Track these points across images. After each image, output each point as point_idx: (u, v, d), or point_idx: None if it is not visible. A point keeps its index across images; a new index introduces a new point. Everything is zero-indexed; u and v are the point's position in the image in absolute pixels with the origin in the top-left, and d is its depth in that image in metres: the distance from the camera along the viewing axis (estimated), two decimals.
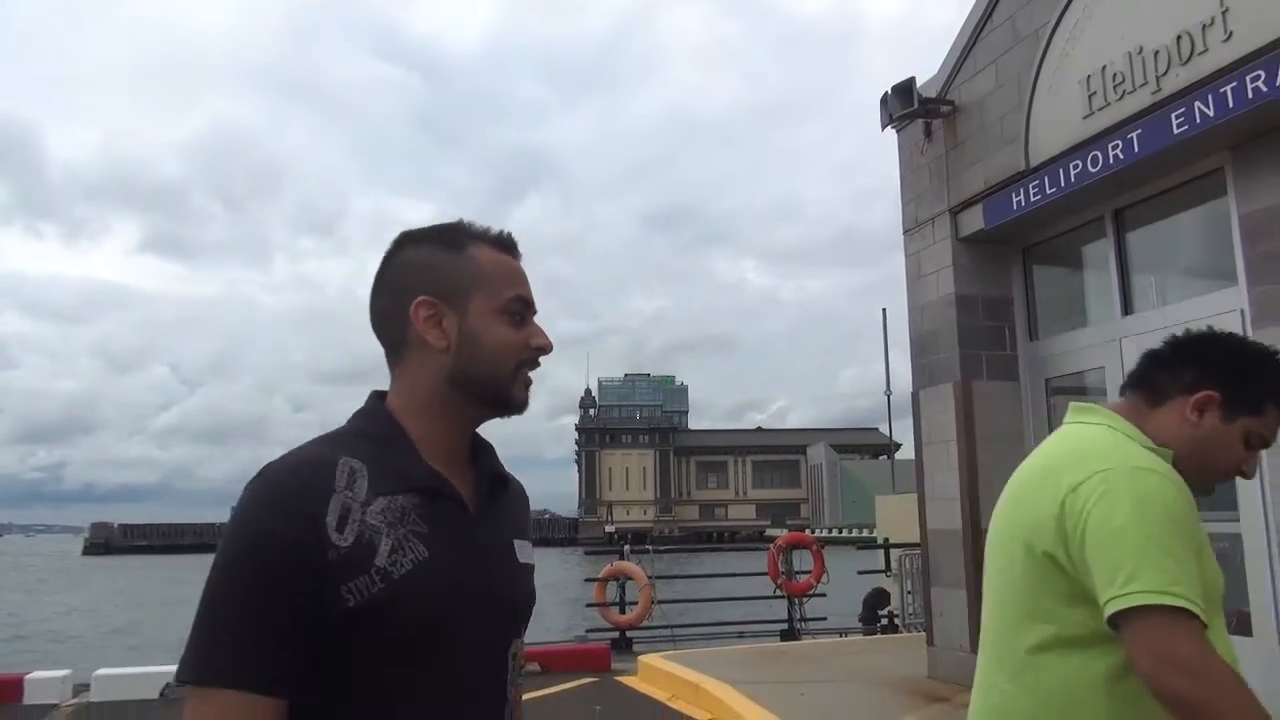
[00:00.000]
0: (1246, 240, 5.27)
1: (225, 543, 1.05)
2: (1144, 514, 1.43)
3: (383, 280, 1.21)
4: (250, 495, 1.06)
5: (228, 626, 1.01)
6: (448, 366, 1.17)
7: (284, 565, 1.02)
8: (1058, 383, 6.84)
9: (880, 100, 7.27)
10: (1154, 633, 1.37)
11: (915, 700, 6.47)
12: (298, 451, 1.12)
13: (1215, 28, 5.07)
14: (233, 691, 0.99)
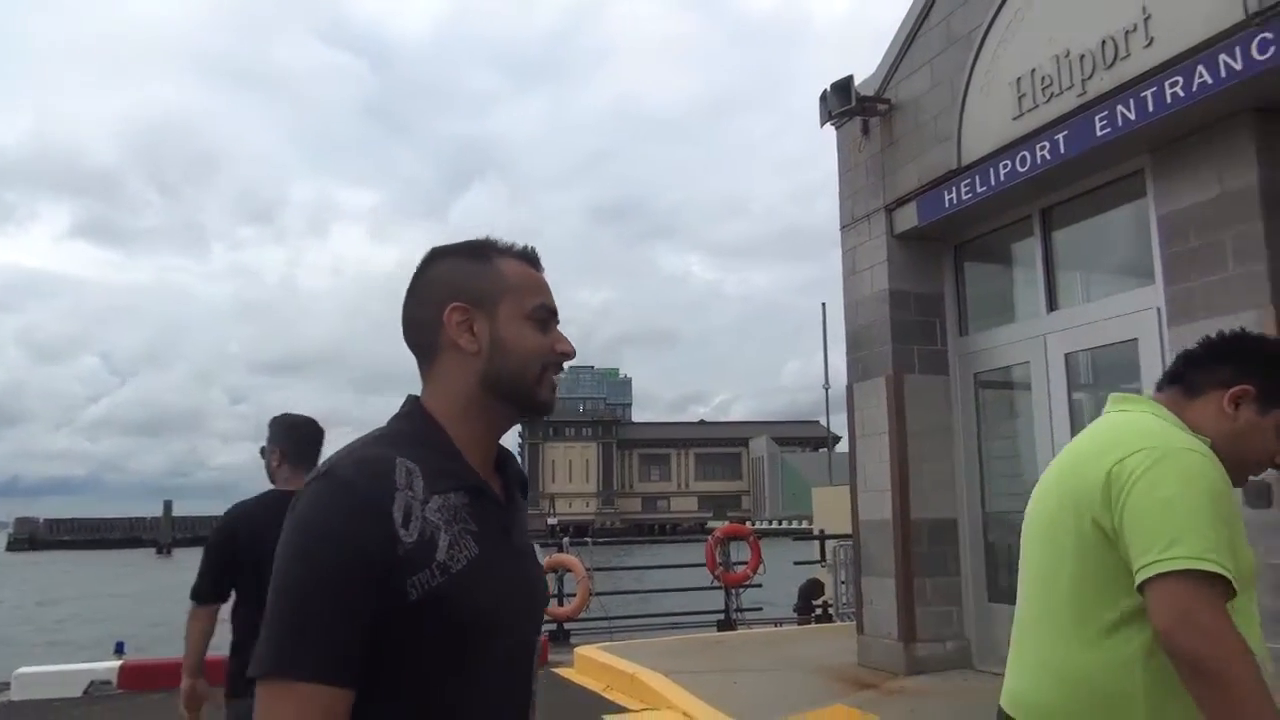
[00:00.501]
0: (1164, 240, 5.46)
1: (299, 538, 1.08)
2: (1189, 488, 1.51)
3: (416, 291, 1.29)
4: (322, 493, 1.10)
5: (307, 620, 1.04)
6: (480, 369, 1.23)
7: (358, 560, 1.06)
8: (985, 377, 7.02)
9: (820, 97, 7.37)
10: (1180, 593, 1.45)
11: (845, 687, 6.59)
12: (357, 451, 1.16)
13: (1137, 34, 5.24)
14: (314, 684, 1.02)
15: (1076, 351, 6.20)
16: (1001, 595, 6.74)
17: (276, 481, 3.17)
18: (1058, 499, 1.69)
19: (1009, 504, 6.90)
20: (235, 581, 3.04)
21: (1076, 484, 1.64)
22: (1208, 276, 5.16)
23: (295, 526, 1.09)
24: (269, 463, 3.18)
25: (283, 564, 1.08)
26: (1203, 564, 1.45)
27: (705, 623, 11.94)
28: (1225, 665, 1.41)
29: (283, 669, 1.02)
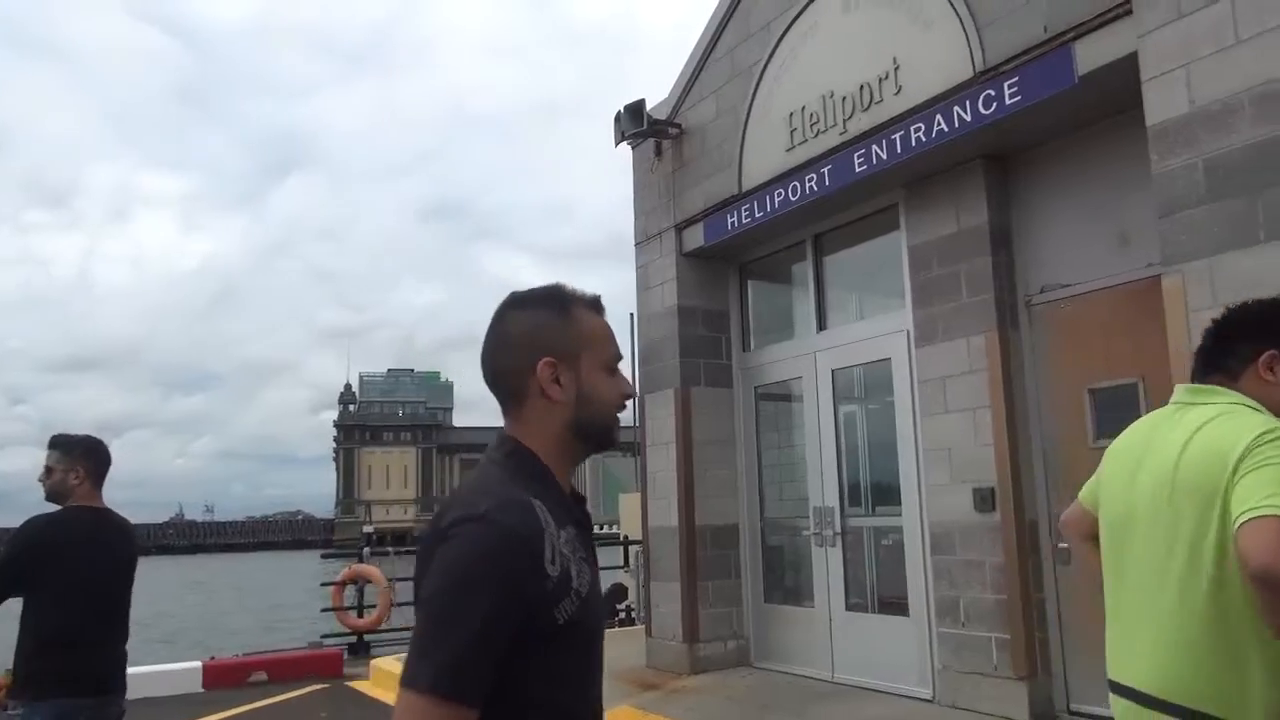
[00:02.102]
0: (913, 269, 6.01)
1: (459, 572, 1.22)
2: None
3: (502, 340, 1.44)
4: (484, 535, 1.23)
5: (463, 650, 1.19)
6: (568, 417, 1.41)
7: (514, 598, 1.22)
8: (764, 390, 7.47)
9: (614, 118, 7.61)
10: (1275, 531, 1.58)
11: (632, 689, 6.84)
12: (497, 492, 1.30)
13: (889, 81, 5.75)
14: (456, 704, 1.18)
15: (842, 369, 6.71)
16: (777, 596, 7.19)
17: (74, 498, 3.31)
18: (1175, 497, 1.79)
19: (784, 510, 7.37)
20: (33, 589, 3.16)
21: (1198, 477, 1.75)
22: (947, 303, 5.73)
23: (459, 563, 1.22)
24: (65, 480, 3.30)
25: (443, 595, 1.21)
26: None
27: None
28: None
29: (436, 689, 1.18)
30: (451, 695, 1.18)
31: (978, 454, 5.49)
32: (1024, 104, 4.96)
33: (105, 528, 3.37)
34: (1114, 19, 4.52)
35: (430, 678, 1.19)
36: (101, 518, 3.37)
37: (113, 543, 3.38)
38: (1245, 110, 3.93)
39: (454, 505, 1.31)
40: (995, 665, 5.33)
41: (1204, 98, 4.08)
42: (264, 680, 8.95)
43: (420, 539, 1.38)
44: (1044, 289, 5.48)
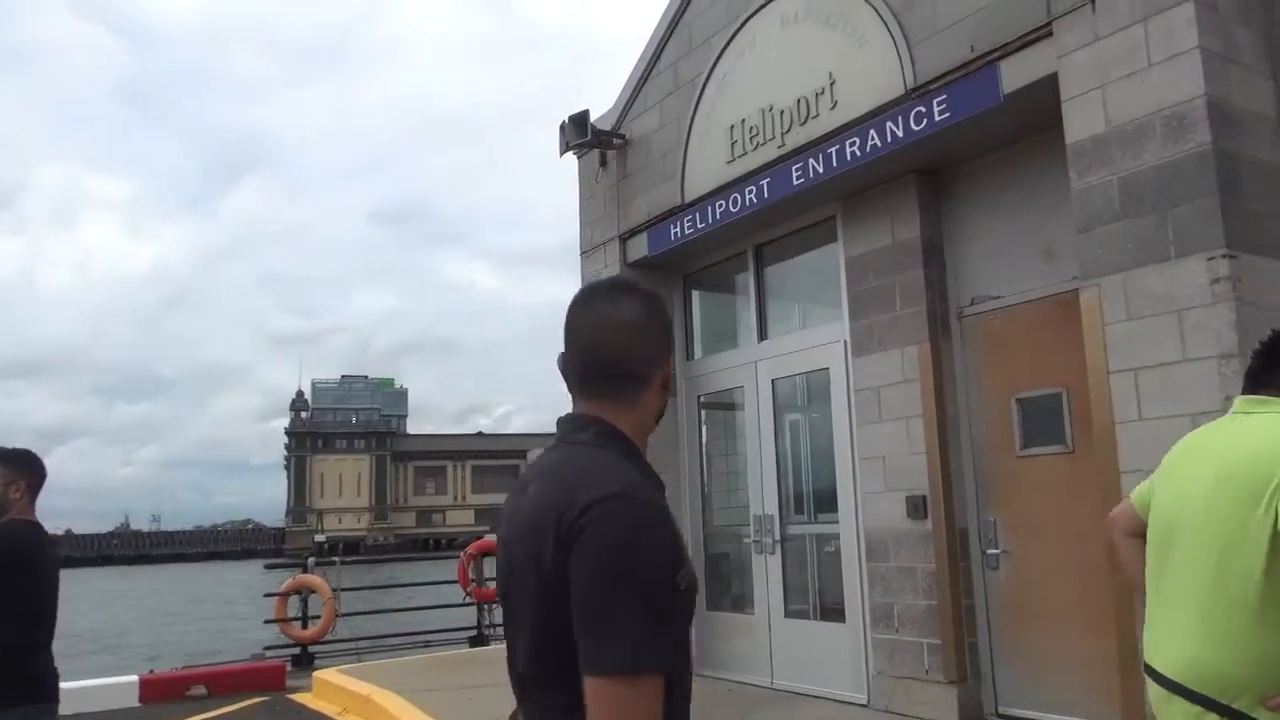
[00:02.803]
0: (850, 281, 6.12)
1: (630, 554, 1.23)
2: None
3: (621, 324, 1.42)
4: (635, 513, 1.26)
5: (651, 621, 1.21)
6: (659, 407, 1.47)
7: (673, 565, 1.26)
8: (707, 399, 7.54)
9: (559, 128, 7.65)
10: None
11: None
12: (626, 472, 1.32)
13: (825, 97, 5.86)
14: (654, 678, 1.21)
15: (782, 378, 6.80)
16: (719, 604, 7.25)
17: (14, 511, 3.37)
18: (1229, 493, 1.94)
19: (727, 518, 7.44)
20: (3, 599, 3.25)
21: (1254, 474, 1.91)
22: (882, 314, 5.85)
23: (623, 545, 1.23)
24: (5, 493, 3.37)
25: (619, 575, 1.22)
26: None
27: (459, 639, 11.94)
28: None
29: (644, 665, 1.20)
30: (651, 666, 1.21)
31: (910, 462, 5.60)
32: (953, 121, 5.09)
33: (49, 539, 3.52)
34: (1036, 40, 4.66)
35: (627, 657, 1.20)
36: (42, 529, 3.50)
37: (56, 554, 3.57)
38: (1156, 131, 4.08)
39: (575, 488, 1.29)
40: (927, 670, 5.43)
41: (1119, 118, 4.23)
42: (203, 694, 8.80)
43: (532, 520, 1.34)
44: (974, 301, 5.61)
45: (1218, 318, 3.80)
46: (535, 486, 1.39)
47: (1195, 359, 3.86)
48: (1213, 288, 3.82)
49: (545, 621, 1.29)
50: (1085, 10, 4.40)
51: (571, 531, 1.25)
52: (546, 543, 1.28)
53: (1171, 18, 4.05)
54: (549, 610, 1.28)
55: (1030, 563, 5.21)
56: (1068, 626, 4.93)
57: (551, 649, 1.29)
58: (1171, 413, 3.91)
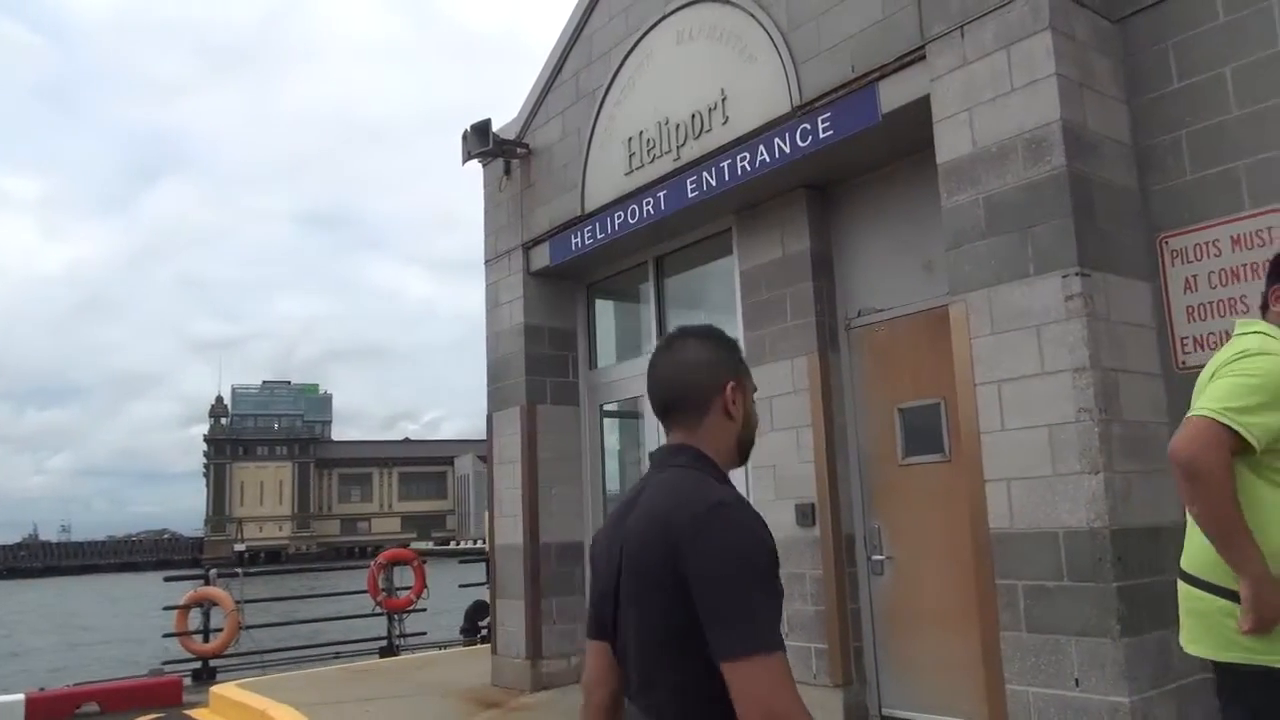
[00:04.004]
0: (744, 292, 6.22)
1: (749, 552, 1.47)
2: (1246, 372, 2.18)
3: (690, 362, 1.70)
4: (745, 516, 1.51)
5: (774, 608, 1.46)
6: (737, 433, 1.70)
7: (776, 561, 1.51)
8: (609, 407, 7.59)
9: (462, 136, 7.63)
10: (1197, 425, 2.14)
11: (473, 707, 6.83)
12: (720, 488, 1.57)
13: (718, 111, 5.96)
14: (783, 654, 1.44)
15: None
16: None
17: None
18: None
19: None
20: None
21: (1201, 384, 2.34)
22: (774, 326, 5.96)
23: (737, 544, 1.47)
24: None
25: (743, 567, 1.44)
26: (1219, 415, 2.11)
27: (368, 650, 11.78)
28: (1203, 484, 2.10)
29: (770, 647, 1.42)
30: (781, 645, 1.44)
31: (800, 471, 5.72)
32: (836, 138, 5.22)
33: None
34: (911, 63, 4.81)
35: (764, 639, 1.42)
36: None
37: None
38: (1018, 153, 4.25)
39: (680, 502, 1.53)
40: (814, 674, 5.55)
41: (984, 140, 4.39)
42: (96, 712, 8.53)
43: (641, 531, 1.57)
44: (861, 313, 5.76)
45: (1071, 333, 3.97)
46: (642, 504, 1.62)
47: (1051, 372, 4.03)
48: (1067, 304, 3.99)
49: (657, 615, 1.52)
50: (955, 36, 4.57)
51: (683, 536, 1.48)
52: (656, 548, 1.51)
53: (1031, 45, 4.23)
54: (661, 606, 1.51)
55: (911, 568, 5.36)
56: (943, 629, 5.09)
57: (664, 637, 1.52)
58: (1030, 423, 4.08)
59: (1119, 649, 3.70)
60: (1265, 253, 3.97)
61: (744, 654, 1.42)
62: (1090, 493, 3.84)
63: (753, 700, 1.41)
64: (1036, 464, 4.03)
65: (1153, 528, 3.96)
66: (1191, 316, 4.19)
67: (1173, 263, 4.27)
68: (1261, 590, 2.08)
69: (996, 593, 4.16)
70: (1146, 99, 4.43)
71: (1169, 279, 4.28)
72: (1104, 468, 3.83)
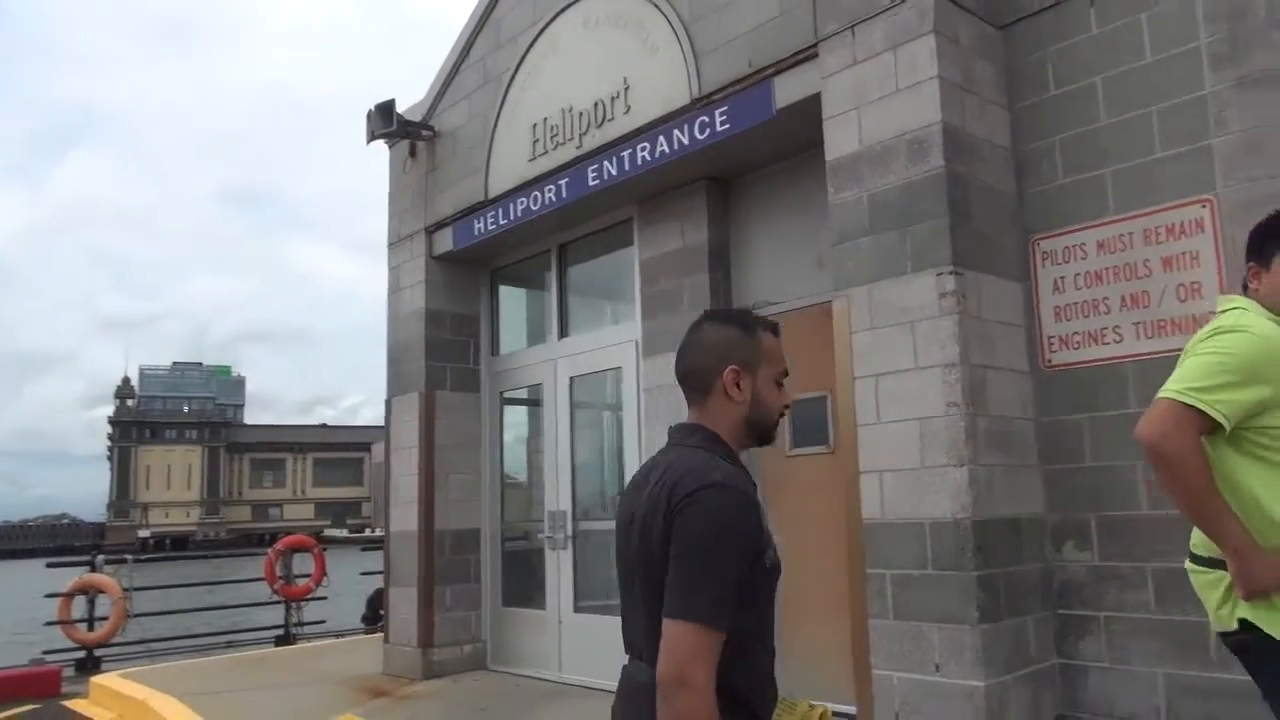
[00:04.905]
0: (643, 282, 6.25)
1: (716, 527, 1.58)
2: (1217, 352, 2.17)
3: (698, 344, 1.84)
4: (729, 500, 1.61)
5: (721, 586, 1.57)
6: (743, 414, 1.79)
7: (752, 544, 1.62)
8: (509, 394, 7.54)
9: (366, 115, 7.48)
10: (1162, 407, 2.13)
11: (362, 696, 6.73)
12: (723, 467, 1.68)
13: (620, 101, 5.96)
14: (718, 632, 1.55)
15: (579, 376, 6.88)
16: (515, 600, 7.27)
17: None
18: None
19: (525, 514, 7.47)
20: None
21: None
22: (671, 316, 5.99)
23: (714, 520, 1.58)
24: None
25: (704, 545, 1.57)
26: (1183, 396, 2.11)
27: (265, 639, 11.52)
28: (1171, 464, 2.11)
29: (711, 619, 1.55)
30: (716, 625, 1.54)
31: None
32: (733, 131, 5.27)
33: None
34: (804, 60, 4.88)
35: (702, 611, 1.54)
36: None
37: None
38: (901, 153, 4.35)
39: (682, 477, 1.64)
40: None
41: (870, 139, 4.48)
42: None
43: (649, 506, 1.68)
44: (755, 306, 5.81)
45: (943, 330, 4.09)
46: (653, 480, 1.72)
47: (924, 367, 4.14)
48: (940, 302, 4.10)
49: (656, 582, 1.62)
50: (846, 35, 4.64)
51: (676, 511, 1.60)
52: (658, 523, 1.63)
53: (916, 48, 4.32)
54: (659, 574, 1.62)
55: (793, 557, 5.40)
56: (819, 617, 5.19)
57: (659, 609, 1.60)
58: (904, 416, 4.18)
59: (976, 635, 3.83)
60: (1128, 256, 4.16)
61: (679, 615, 1.55)
62: (955, 485, 3.96)
63: (669, 659, 1.54)
64: (907, 456, 4.14)
65: (1013, 519, 4.11)
66: (1059, 317, 4.35)
67: (1043, 264, 4.42)
68: (1246, 563, 2.11)
69: (867, 581, 4.26)
70: (1026, 105, 4.58)
71: (1039, 279, 4.43)
72: (969, 461, 3.95)
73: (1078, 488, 4.24)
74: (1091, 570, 4.19)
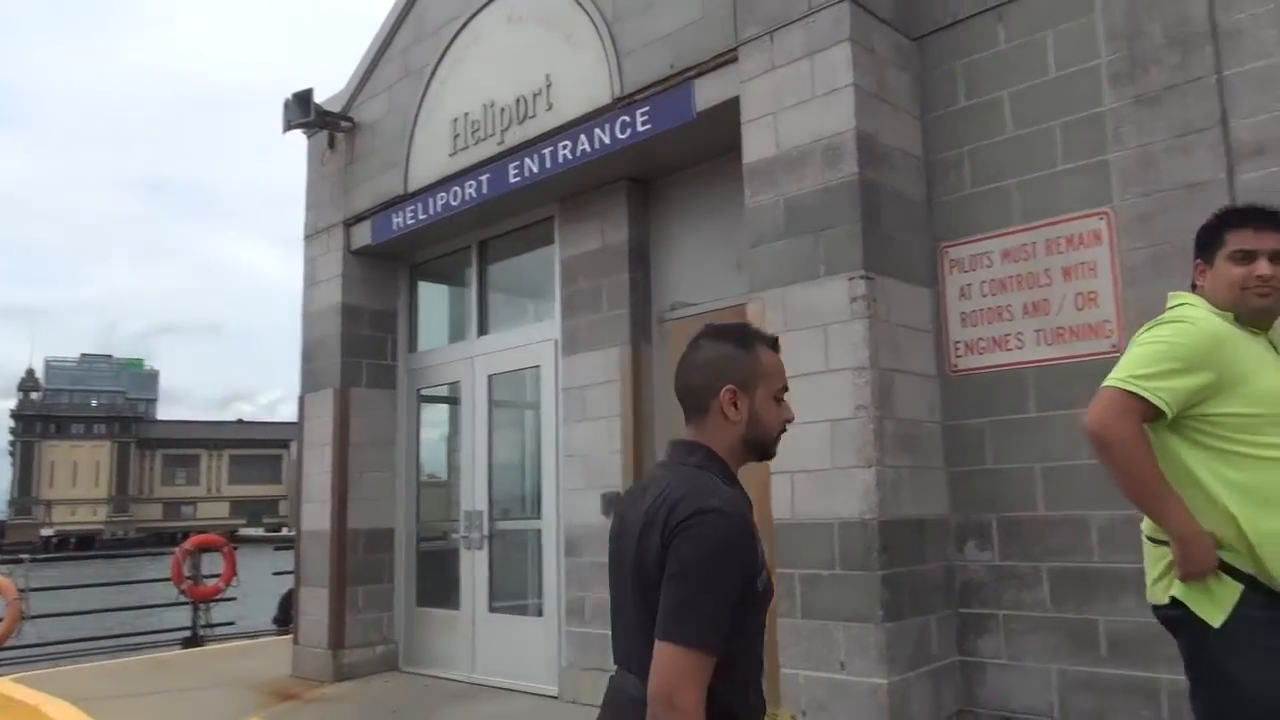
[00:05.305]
0: (563, 281, 6.22)
1: (712, 552, 1.58)
2: (1154, 341, 2.28)
3: (694, 363, 1.82)
4: (727, 525, 1.61)
5: (715, 610, 1.57)
6: (740, 433, 1.78)
7: (748, 570, 1.62)
8: (427, 392, 7.44)
9: (283, 104, 7.30)
10: (1105, 395, 2.24)
11: (268, 699, 6.56)
12: (720, 490, 1.68)
13: (542, 97, 5.93)
14: (710, 654, 1.56)
15: (498, 374, 6.82)
16: (428, 600, 7.18)
17: None
18: None
19: (441, 513, 7.38)
20: None
21: None
22: (590, 316, 5.99)
23: (710, 545, 1.59)
24: None
25: (699, 570, 1.58)
26: (1126, 384, 2.21)
27: (172, 641, 11.15)
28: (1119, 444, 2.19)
29: (702, 644, 1.56)
30: (708, 649, 1.56)
31: (608, 461, 5.77)
32: (654, 132, 5.28)
33: None
34: (724, 64, 4.92)
35: (693, 635, 1.55)
36: None
37: None
38: (816, 158, 4.41)
39: (681, 500, 1.64)
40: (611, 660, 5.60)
41: (786, 144, 4.54)
42: None
43: (645, 524, 1.68)
44: (674, 307, 5.86)
45: (854, 333, 4.16)
46: (650, 496, 1.72)
47: (835, 370, 4.21)
48: (851, 305, 4.17)
49: (649, 604, 1.63)
50: (765, 40, 4.69)
51: (674, 533, 1.60)
52: (655, 541, 1.63)
53: (832, 56, 4.39)
54: (651, 595, 1.63)
55: None
56: None
57: (652, 624, 1.61)
58: (815, 418, 4.24)
59: (881, 633, 3.91)
60: (1030, 265, 4.29)
61: (671, 638, 1.56)
62: (864, 485, 4.03)
63: (660, 681, 1.56)
64: (818, 457, 4.20)
65: (918, 520, 4.20)
66: (965, 322, 4.47)
67: (950, 271, 4.53)
68: (1187, 548, 2.18)
69: (777, 581, 4.31)
70: (937, 115, 4.69)
71: (946, 286, 4.54)
72: (877, 462, 4.02)
73: (979, 489, 4.36)
74: (991, 570, 4.31)
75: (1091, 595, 3.97)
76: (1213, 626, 2.18)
